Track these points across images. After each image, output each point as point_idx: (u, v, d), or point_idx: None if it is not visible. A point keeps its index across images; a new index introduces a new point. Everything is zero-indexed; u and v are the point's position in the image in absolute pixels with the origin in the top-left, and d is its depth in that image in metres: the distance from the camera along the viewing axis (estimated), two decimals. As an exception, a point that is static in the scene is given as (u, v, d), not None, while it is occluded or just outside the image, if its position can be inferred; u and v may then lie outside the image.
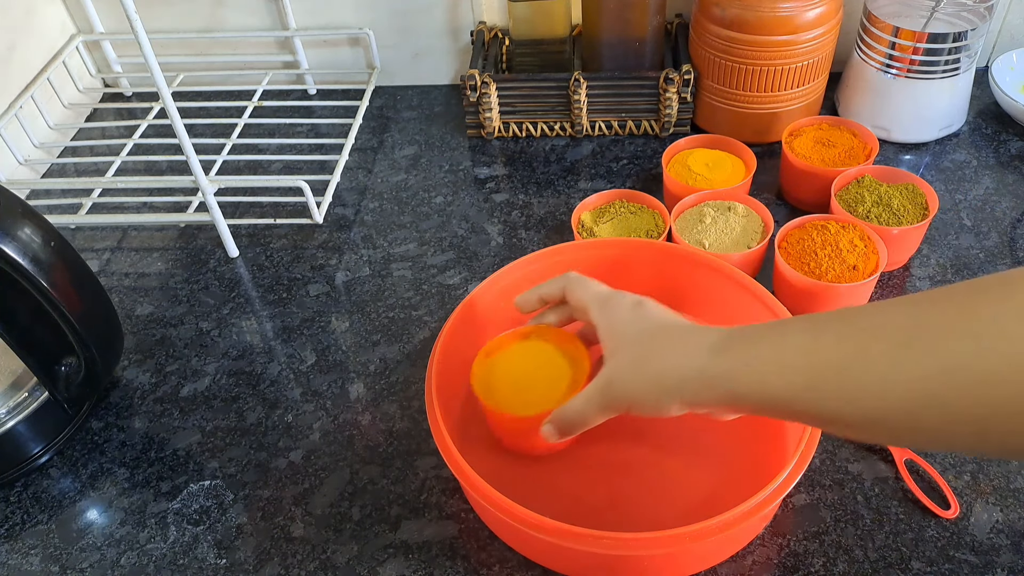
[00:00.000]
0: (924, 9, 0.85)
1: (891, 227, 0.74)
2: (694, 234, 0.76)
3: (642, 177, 0.91)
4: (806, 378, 0.41)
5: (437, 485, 0.65)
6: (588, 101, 0.93)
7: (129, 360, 0.77)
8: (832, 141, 0.84)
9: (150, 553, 0.63)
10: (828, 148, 0.84)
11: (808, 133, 0.86)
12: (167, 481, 0.67)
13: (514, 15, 0.93)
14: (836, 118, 0.87)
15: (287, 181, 0.88)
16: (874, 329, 0.39)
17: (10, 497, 0.67)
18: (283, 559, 0.61)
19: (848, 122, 0.86)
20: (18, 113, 0.95)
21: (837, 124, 0.86)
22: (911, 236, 0.76)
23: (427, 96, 1.06)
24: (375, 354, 0.75)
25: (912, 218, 0.76)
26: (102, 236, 0.91)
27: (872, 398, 0.38)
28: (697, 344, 0.47)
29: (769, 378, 0.42)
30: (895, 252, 0.76)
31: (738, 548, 0.59)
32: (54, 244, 0.61)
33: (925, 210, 0.76)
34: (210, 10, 1.04)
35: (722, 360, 0.45)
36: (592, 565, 0.57)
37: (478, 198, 0.91)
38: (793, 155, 0.83)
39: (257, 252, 0.87)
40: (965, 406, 0.35)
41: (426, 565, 0.60)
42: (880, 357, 0.38)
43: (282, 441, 0.69)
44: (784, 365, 0.42)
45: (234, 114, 1.02)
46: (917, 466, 0.63)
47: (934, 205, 0.76)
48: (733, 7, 0.84)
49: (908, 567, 0.58)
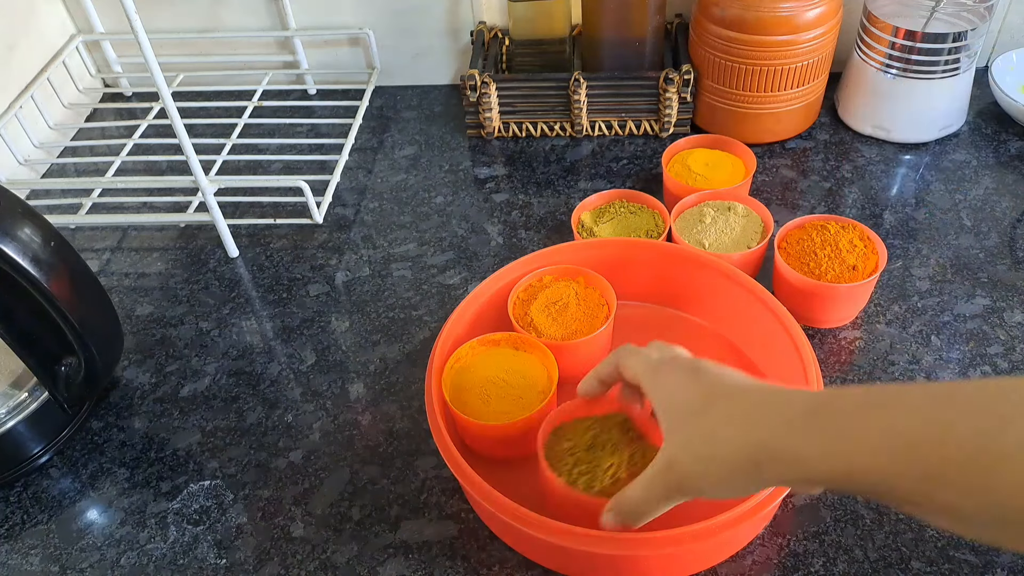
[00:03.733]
0: (924, 9, 0.85)
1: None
2: (694, 234, 0.76)
3: (642, 177, 0.91)
4: (924, 467, 0.35)
5: (437, 485, 0.65)
6: (588, 101, 0.93)
7: (129, 360, 0.77)
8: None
9: (150, 553, 0.63)
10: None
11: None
12: (167, 481, 0.67)
13: (514, 15, 0.93)
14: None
15: (287, 181, 0.88)
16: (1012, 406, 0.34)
17: (10, 497, 0.67)
18: (283, 559, 0.61)
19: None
20: (18, 113, 0.95)
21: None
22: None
23: (427, 96, 1.06)
24: (375, 354, 0.75)
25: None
26: (102, 236, 0.91)
27: (1005, 491, 0.33)
28: (777, 413, 0.41)
29: (879, 459, 0.36)
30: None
31: (738, 548, 0.59)
32: (54, 244, 0.61)
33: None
34: (210, 10, 1.04)
35: (814, 436, 0.39)
36: (592, 565, 0.57)
37: (478, 198, 0.91)
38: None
39: (257, 252, 0.87)
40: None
41: (426, 565, 0.60)
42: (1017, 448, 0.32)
43: (282, 441, 0.69)
44: (894, 448, 0.36)
45: (234, 114, 1.02)
46: (917, 466, 0.63)
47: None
48: (733, 7, 0.84)
49: (908, 567, 0.58)
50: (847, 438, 0.38)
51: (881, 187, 0.87)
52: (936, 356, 0.71)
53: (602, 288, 0.71)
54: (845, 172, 0.89)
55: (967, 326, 0.73)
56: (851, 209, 0.85)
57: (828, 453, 0.38)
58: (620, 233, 0.79)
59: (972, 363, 0.70)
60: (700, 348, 0.72)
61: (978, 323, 0.73)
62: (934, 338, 0.72)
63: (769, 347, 0.67)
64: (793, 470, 0.40)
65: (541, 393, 0.64)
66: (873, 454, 0.36)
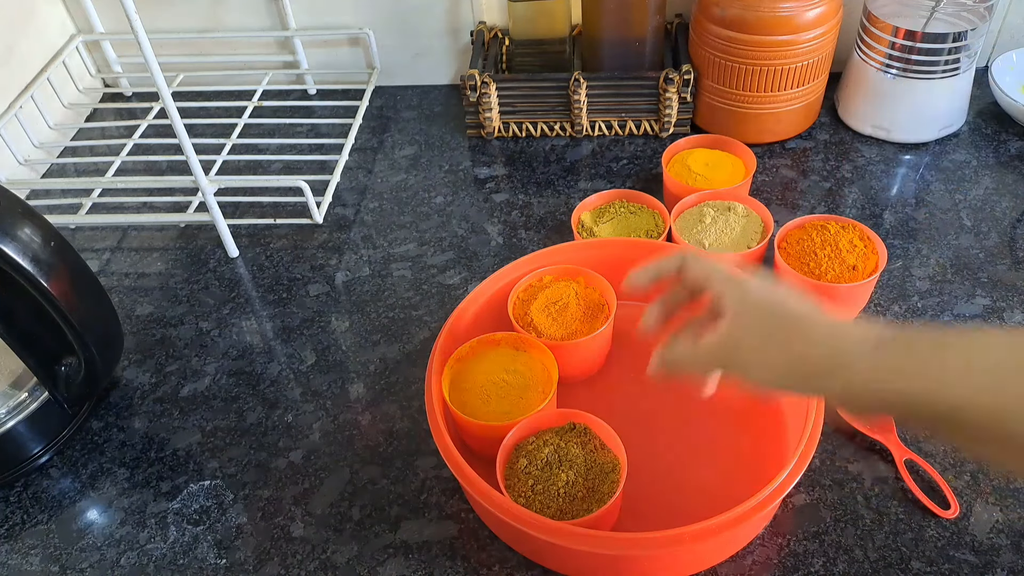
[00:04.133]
0: (924, 9, 0.85)
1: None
2: (694, 234, 0.76)
3: (642, 177, 0.91)
4: (1001, 398, 0.38)
5: (437, 485, 0.65)
6: (588, 101, 0.93)
7: (129, 360, 0.77)
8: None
9: (150, 553, 0.63)
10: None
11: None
12: (167, 481, 0.67)
13: (514, 15, 0.93)
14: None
15: (287, 181, 0.88)
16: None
17: (10, 497, 0.67)
18: (283, 559, 0.61)
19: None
20: (18, 113, 0.95)
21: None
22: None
23: (427, 96, 1.06)
24: (375, 354, 0.75)
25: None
26: (102, 236, 0.91)
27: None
28: (857, 335, 0.43)
29: (949, 380, 0.39)
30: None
31: (738, 548, 0.59)
32: (54, 244, 0.61)
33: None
34: (210, 10, 1.04)
35: (890, 356, 0.42)
36: (592, 565, 0.57)
37: (478, 198, 0.91)
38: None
39: (257, 252, 0.87)
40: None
41: (426, 565, 0.60)
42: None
43: (282, 441, 0.69)
44: (972, 369, 0.39)
45: (234, 114, 1.02)
46: (917, 466, 0.63)
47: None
48: (733, 7, 0.84)
49: (908, 567, 0.58)
50: (922, 365, 0.40)
51: (881, 187, 0.87)
52: (936, 356, 0.71)
53: (602, 288, 0.71)
54: (845, 172, 0.89)
55: (967, 326, 0.73)
56: (851, 209, 0.85)
57: (902, 375, 0.41)
58: (620, 233, 0.79)
59: (972, 363, 0.70)
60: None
61: (978, 323, 0.73)
62: (934, 338, 0.72)
63: (769, 347, 0.67)
64: (867, 384, 0.42)
65: (541, 393, 0.64)
66: (947, 383, 0.39)
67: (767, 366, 0.46)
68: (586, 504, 0.57)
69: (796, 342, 0.45)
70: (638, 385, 0.70)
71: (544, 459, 0.59)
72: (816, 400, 0.58)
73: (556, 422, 0.62)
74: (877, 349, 0.42)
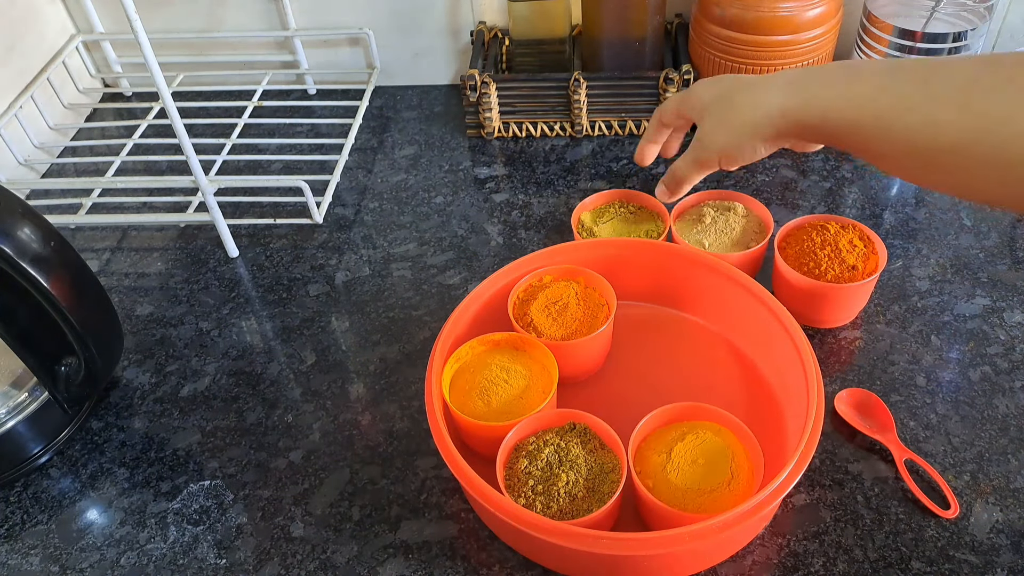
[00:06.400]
0: (924, 9, 0.85)
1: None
2: (694, 234, 0.76)
3: (642, 177, 0.91)
4: (875, 109, 0.46)
5: (437, 485, 0.65)
6: (588, 101, 0.93)
7: (129, 360, 0.77)
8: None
9: (150, 553, 0.63)
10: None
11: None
12: (167, 481, 0.67)
13: (514, 15, 0.93)
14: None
15: (287, 181, 0.88)
16: (943, 78, 0.44)
17: (10, 497, 0.67)
18: (283, 559, 0.61)
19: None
20: (18, 113, 0.95)
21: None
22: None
23: (427, 96, 1.06)
24: (375, 354, 0.75)
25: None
26: (102, 236, 0.91)
27: (923, 131, 0.44)
28: (770, 87, 0.52)
29: (841, 107, 0.48)
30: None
31: (738, 548, 0.59)
32: (54, 244, 0.61)
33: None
34: (210, 10, 1.04)
35: (796, 96, 0.50)
36: (592, 565, 0.57)
37: (478, 198, 0.91)
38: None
39: (257, 252, 0.87)
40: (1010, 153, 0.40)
41: (426, 565, 0.60)
42: (946, 101, 0.43)
43: (282, 441, 0.69)
44: (859, 96, 0.47)
45: (234, 114, 1.02)
46: (917, 466, 0.63)
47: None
48: (733, 7, 0.84)
49: (908, 567, 0.58)
50: (823, 91, 0.50)
51: (881, 187, 0.87)
52: (936, 356, 0.71)
53: (602, 288, 0.71)
54: (845, 172, 0.89)
55: (967, 326, 0.73)
56: (851, 209, 0.85)
57: (816, 103, 0.50)
58: (620, 233, 0.79)
59: (972, 363, 0.70)
60: (700, 348, 0.73)
61: (978, 323, 0.73)
62: (934, 338, 0.72)
63: (769, 347, 0.67)
64: (784, 121, 0.51)
65: (541, 393, 0.64)
66: (840, 105, 0.48)
67: (723, 128, 0.55)
68: (586, 504, 0.57)
69: (735, 113, 0.55)
70: (638, 385, 0.70)
71: (544, 459, 0.59)
72: (816, 400, 0.58)
73: (556, 422, 0.62)
74: (789, 81, 0.52)
